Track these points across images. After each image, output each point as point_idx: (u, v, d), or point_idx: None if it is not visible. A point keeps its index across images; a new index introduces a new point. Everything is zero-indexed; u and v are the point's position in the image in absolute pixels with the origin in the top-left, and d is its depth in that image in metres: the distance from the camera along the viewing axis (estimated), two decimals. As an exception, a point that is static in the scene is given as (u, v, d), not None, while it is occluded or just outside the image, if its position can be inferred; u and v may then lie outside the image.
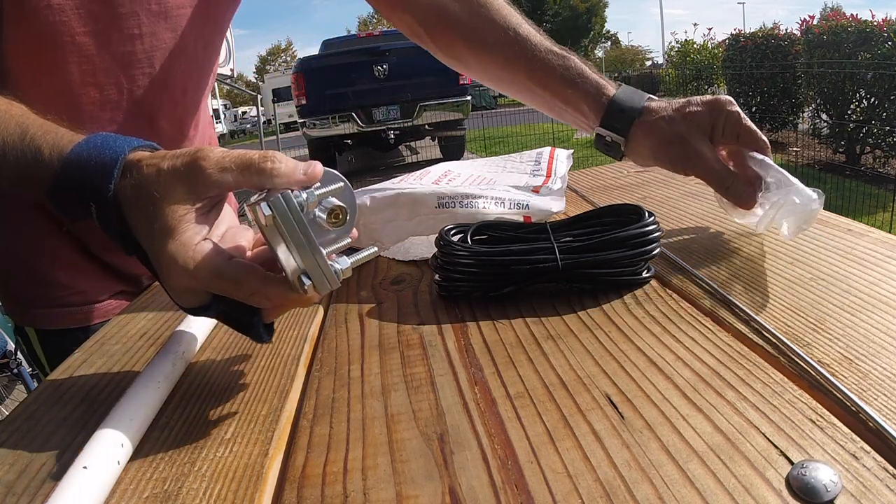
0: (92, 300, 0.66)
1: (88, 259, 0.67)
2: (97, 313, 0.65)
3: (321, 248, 0.32)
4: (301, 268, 0.32)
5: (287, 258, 0.32)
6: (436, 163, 0.70)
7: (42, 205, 0.62)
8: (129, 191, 0.34)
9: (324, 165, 0.34)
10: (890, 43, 4.59)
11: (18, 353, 1.99)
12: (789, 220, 0.46)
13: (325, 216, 0.33)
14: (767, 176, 0.48)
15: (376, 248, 0.36)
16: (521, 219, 0.51)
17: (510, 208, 0.52)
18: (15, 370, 1.97)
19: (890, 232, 0.56)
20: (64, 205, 0.37)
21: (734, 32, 6.87)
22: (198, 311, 0.35)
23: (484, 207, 0.53)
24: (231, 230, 0.37)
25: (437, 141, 7.17)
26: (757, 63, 6.23)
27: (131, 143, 0.36)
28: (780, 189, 0.47)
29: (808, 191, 0.45)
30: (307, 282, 0.31)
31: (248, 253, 0.36)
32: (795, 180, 0.47)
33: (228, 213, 0.38)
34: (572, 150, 0.70)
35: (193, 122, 0.70)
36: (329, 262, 0.32)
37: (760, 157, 0.50)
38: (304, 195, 0.32)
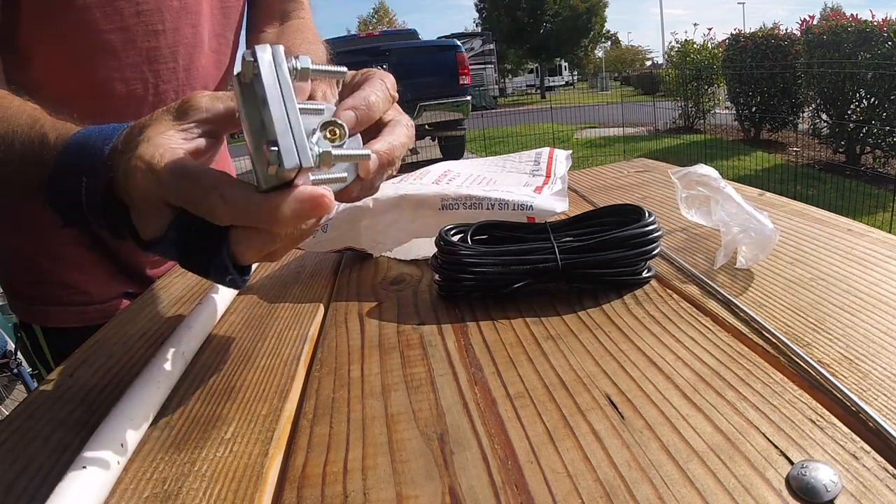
0: (96, 300, 0.67)
1: (94, 260, 0.67)
2: (102, 313, 0.65)
3: (301, 121, 0.27)
4: (272, 135, 0.27)
5: (258, 129, 0.28)
6: (436, 163, 0.70)
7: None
8: (121, 139, 0.33)
9: None
10: (890, 43, 4.59)
11: (18, 352, 1.99)
12: (746, 251, 0.45)
13: (320, 130, 0.30)
14: (722, 210, 0.49)
15: (370, 153, 0.31)
16: (525, 219, 0.51)
17: (514, 210, 0.52)
18: (15, 370, 1.97)
19: (890, 232, 0.56)
20: (61, 194, 0.36)
21: (734, 32, 6.87)
22: (157, 245, 0.32)
23: (488, 209, 0.53)
24: None
25: (437, 141, 7.16)
26: (757, 63, 6.23)
27: None
28: (735, 223, 0.47)
29: (765, 221, 0.45)
30: (273, 149, 0.27)
31: None
32: (751, 210, 0.47)
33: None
34: (571, 151, 0.70)
35: None
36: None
37: (720, 186, 0.51)
38: (297, 61, 0.28)
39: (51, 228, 0.64)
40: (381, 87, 0.38)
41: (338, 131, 0.31)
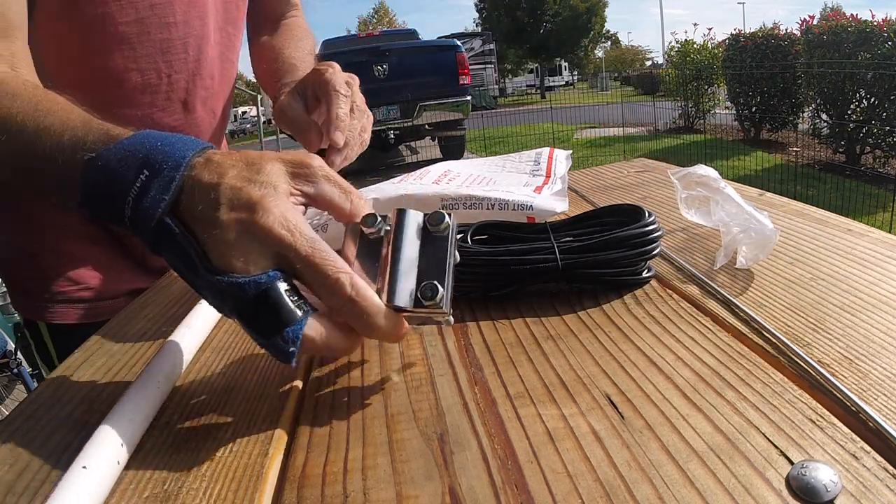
0: (104, 297, 0.67)
1: (101, 256, 0.67)
2: (109, 310, 0.65)
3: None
4: (445, 283, 0.33)
5: (414, 263, 0.33)
6: (436, 163, 0.70)
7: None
8: (217, 157, 0.33)
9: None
10: (890, 43, 4.59)
11: (18, 352, 1.99)
12: (746, 251, 0.45)
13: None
14: (721, 210, 0.49)
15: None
16: (525, 219, 0.51)
17: (514, 210, 0.52)
18: (15, 370, 1.97)
19: (890, 232, 0.56)
20: (96, 177, 0.34)
21: (734, 32, 6.87)
22: (232, 278, 0.31)
23: (488, 209, 0.53)
24: None
25: (437, 141, 7.17)
26: (757, 63, 6.23)
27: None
28: (735, 223, 0.47)
29: (765, 221, 0.45)
30: (440, 290, 0.32)
31: None
32: (751, 210, 0.47)
33: None
34: (571, 151, 0.70)
35: (222, 107, 0.74)
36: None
37: (721, 186, 0.51)
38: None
39: (59, 225, 0.64)
40: (344, 102, 0.50)
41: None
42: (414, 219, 0.34)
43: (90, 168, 0.34)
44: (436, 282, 0.32)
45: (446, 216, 0.34)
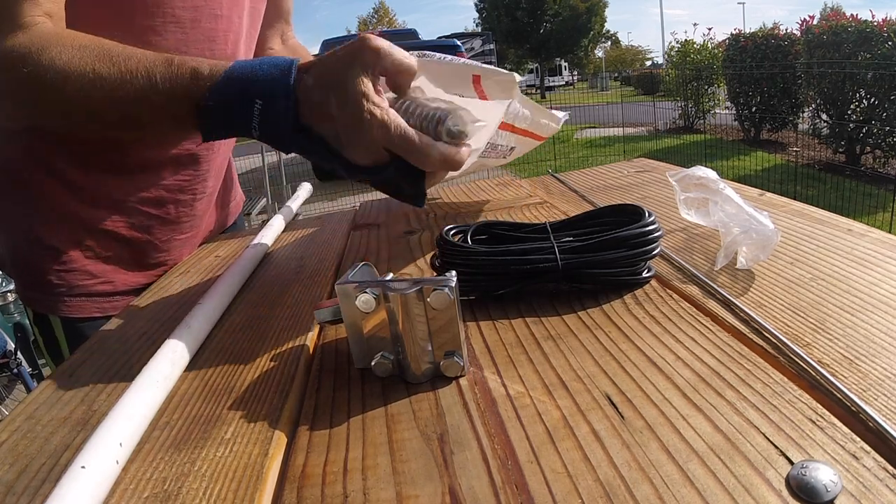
0: (120, 291, 0.67)
1: (119, 250, 0.68)
2: (124, 305, 0.65)
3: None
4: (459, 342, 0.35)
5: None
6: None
7: (79, 192, 0.65)
8: (311, 81, 0.42)
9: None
10: (890, 43, 4.60)
11: (18, 352, 1.99)
12: (747, 252, 0.45)
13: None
14: (721, 211, 0.49)
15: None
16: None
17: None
18: (15, 370, 1.97)
19: (890, 232, 0.56)
20: (216, 114, 0.44)
21: (734, 32, 6.87)
22: (372, 172, 0.43)
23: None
24: None
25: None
26: (757, 63, 6.23)
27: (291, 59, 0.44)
28: (736, 223, 0.47)
29: (766, 222, 0.45)
30: (460, 361, 0.35)
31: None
32: (752, 211, 0.47)
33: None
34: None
35: None
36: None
37: (720, 187, 0.51)
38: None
39: (80, 218, 0.64)
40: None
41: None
42: None
43: (204, 108, 0.43)
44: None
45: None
